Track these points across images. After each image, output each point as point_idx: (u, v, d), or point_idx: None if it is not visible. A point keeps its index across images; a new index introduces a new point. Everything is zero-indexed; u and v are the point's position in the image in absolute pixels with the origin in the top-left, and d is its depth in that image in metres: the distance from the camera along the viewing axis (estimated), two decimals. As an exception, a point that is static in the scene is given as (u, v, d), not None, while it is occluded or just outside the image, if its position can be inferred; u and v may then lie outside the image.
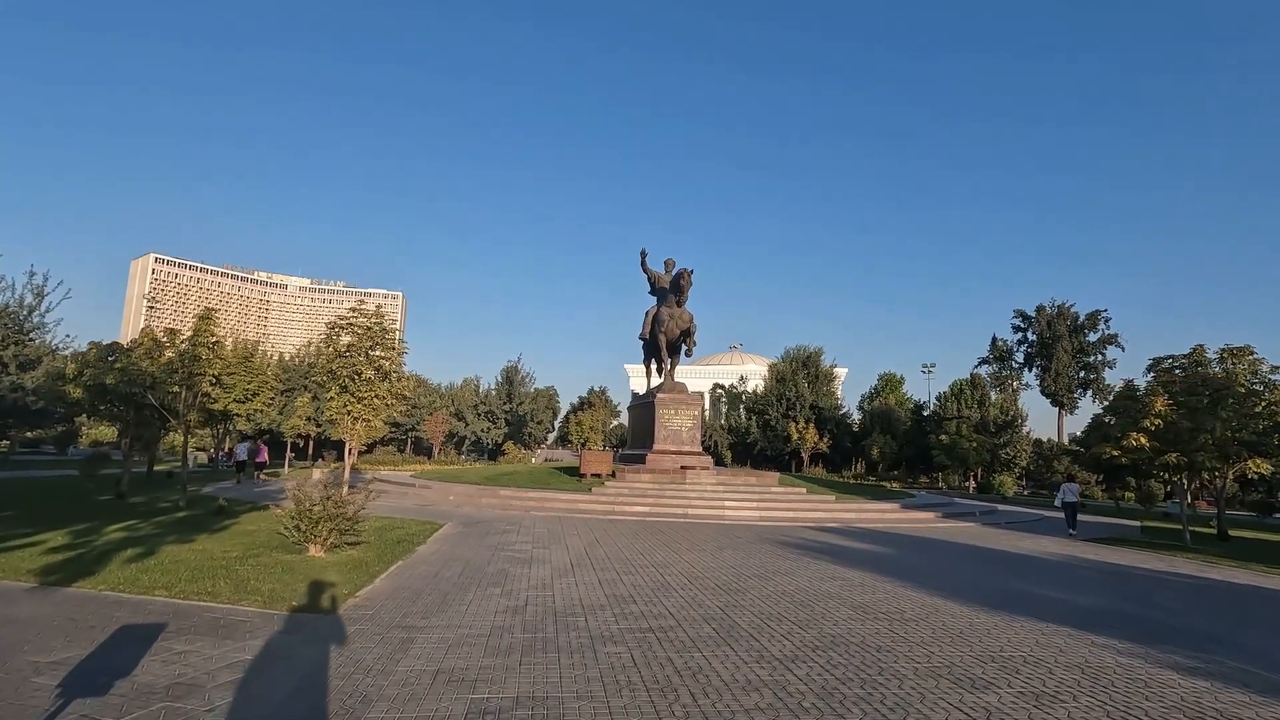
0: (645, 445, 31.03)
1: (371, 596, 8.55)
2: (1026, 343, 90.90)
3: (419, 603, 8.30)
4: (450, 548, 13.06)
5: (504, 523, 17.63)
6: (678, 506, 21.79)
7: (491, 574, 10.41)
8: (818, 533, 18.11)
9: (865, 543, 16.40)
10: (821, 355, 73.16)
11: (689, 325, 32.12)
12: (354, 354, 15.68)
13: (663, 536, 15.99)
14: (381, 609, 7.93)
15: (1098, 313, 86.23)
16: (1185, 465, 18.07)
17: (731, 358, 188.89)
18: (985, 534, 20.04)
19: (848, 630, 7.67)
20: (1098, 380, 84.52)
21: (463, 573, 10.44)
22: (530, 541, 14.27)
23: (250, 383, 36.00)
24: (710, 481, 25.84)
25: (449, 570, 10.61)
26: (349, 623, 7.24)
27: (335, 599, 8.21)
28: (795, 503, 24.16)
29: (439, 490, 24.87)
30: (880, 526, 20.61)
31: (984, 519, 24.78)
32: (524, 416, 77.36)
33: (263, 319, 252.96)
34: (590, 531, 16.44)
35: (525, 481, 27.08)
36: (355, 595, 8.54)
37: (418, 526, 15.81)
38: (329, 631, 6.85)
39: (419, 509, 20.59)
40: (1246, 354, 20.53)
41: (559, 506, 21.59)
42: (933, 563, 13.81)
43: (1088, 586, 11.77)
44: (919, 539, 17.96)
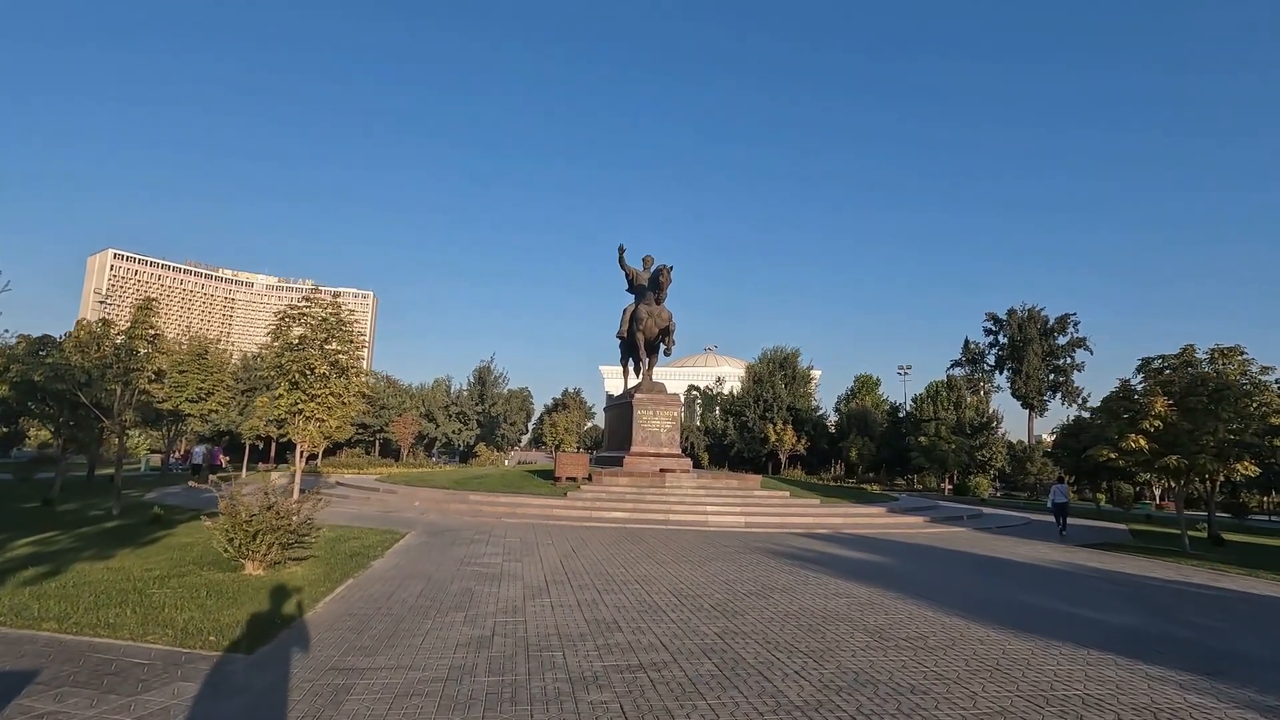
0: (623, 447, 29.84)
1: (309, 627, 7.24)
2: (998, 345, 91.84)
3: (366, 634, 7.01)
4: (411, 561, 11.73)
5: (473, 531, 16.30)
6: (658, 512, 20.65)
7: (455, 594, 9.14)
8: (808, 540, 17.10)
9: (861, 551, 15.42)
10: (798, 356, 72.78)
11: (668, 324, 31.03)
12: (306, 347, 14.24)
13: (644, 545, 14.83)
14: (319, 644, 6.63)
15: (1067, 316, 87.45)
16: (1186, 468, 17.47)
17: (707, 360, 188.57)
18: (980, 540, 19.25)
19: (869, 664, 6.58)
20: (1067, 383, 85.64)
21: (422, 593, 9.15)
22: (501, 553, 13.00)
23: (204, 381, 34.06)
24: (691, 485, 24.76)
25: (406, 590, 9.30)
26: (274, 665, 5.94)
27: (264, 631, 6.89)
28: (780, 507, 23.19)
29: (404, 495, 23.40)
30: (871, 533, 19.70)
31: (973, 523, 24.08)
32: (497, 418, 75.67)
33: (227, 317, 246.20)
34: (566, 540, 15.21)
35: (497, 485, 25.72)
36: (290, 625, 7.23)
37: (377, 537, 14.42)
38: (245, 680, 5.55)
39: (381, 516, 19.13)
40: (1237, 354, 20.08)
41: (532, 513, 20.30)
42: (938, 574, 12.86)
43: (1110, 601, 10.88)
44: (914, 546, 17.05)
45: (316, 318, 14.46)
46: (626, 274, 33.55)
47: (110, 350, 17.13)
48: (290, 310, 14.33)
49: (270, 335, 14.09)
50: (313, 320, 14.38)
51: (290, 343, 13.97)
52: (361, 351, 15.51)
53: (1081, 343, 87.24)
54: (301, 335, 14.11)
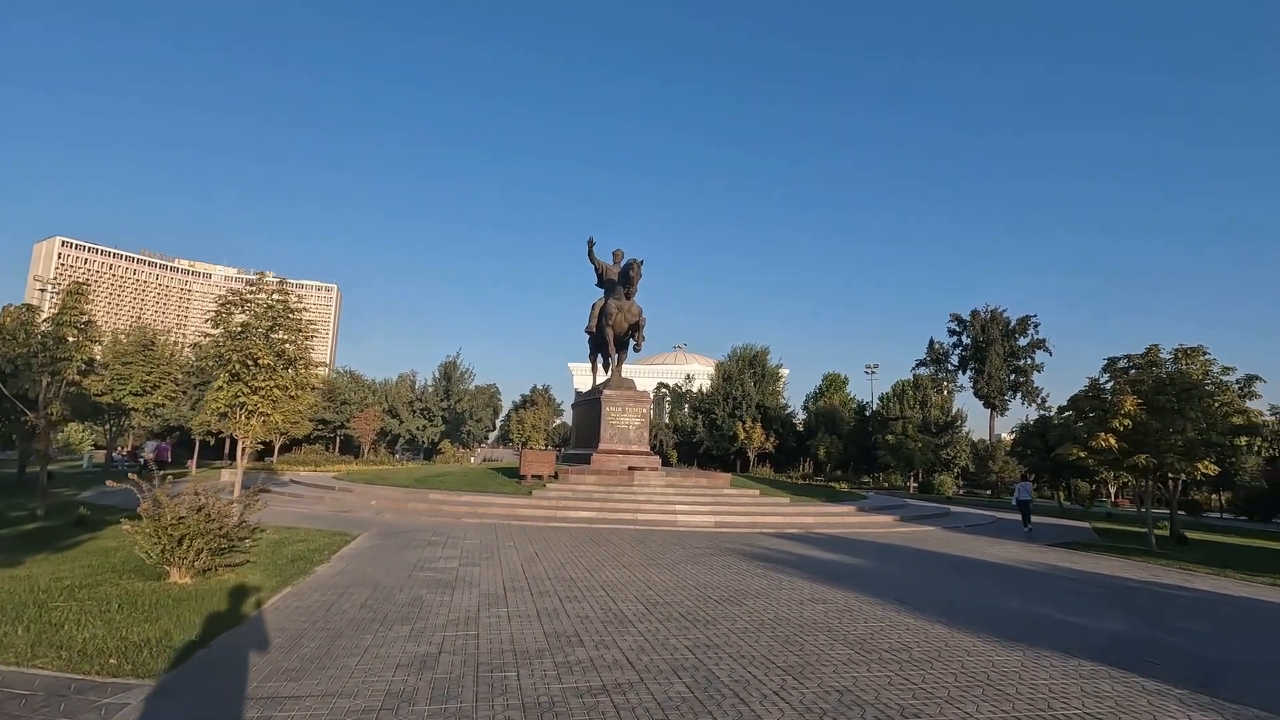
0: (590, 445, 29.14)
1: (230, 645, 6.43)
2: (961, 346, 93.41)
3: (295, 654, 6.23)
4: (359, 566, 10.90)
5: (430, 532, 15.46)
6: (626, 511, 20.02)
7: (402, 604, 8.37)
8: (780, 540, 16.64)
9: (834, 552, 15.00)
10: (768, 355, 72.84)
11: (638, 319, 30.39)
12: (250, 336, 13.24)
13: (611, 547, 14.18)
14: (238, 666, 5.84)
15: (1028, 318, 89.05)
16: (1154, 467, 17.47)
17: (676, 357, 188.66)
18: (951, 540, 19.03)
19: (853, 681, 6.04)
20: (1027, 383, 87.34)
21: (366, 603, 8.36)
22: (458, 557, 12.22)
23: (150, 374, 32.40)
24: (660, 483, 24.19)
25: (349, 600, 8.50)
26: (179, 694, 5.15)
27: (176, 651, 6.07)
28: (750, 506, 22.75)
29: (361, 494, 22.37)
30: (843, 532, 19.35)
31: (942, 522, 23.98)
32: (463, 414, 74.19)
33: (183, 310, 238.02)
34: (529, 542, 14.48)
35: (459, 484, 24.81)
36: (209, 644, 6.41)
37: (325, 539, 13.50)
38: (140, 714, 4.76)
39: (334, 516, 18.15)
40: (1200, 354, 20.25)
41: (495, 512, 19.49)
42: (914, 577, 12.47)
43: (1090, 604, 10.57)
44: (886, 546, 16.72)
45: (261, 304, 13.45)
46: (596, 268, 32.81)
47: (37, 339, 15.85)
48: (232, 295, 13.29)
49: (210, 322, 13.04)
50: (257, 307, 13.37)
51: (232, 331, 12.94)
52: (311, 342, 14.52)
53: (1041, 344, 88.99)
54: (244, 323, 13.08)
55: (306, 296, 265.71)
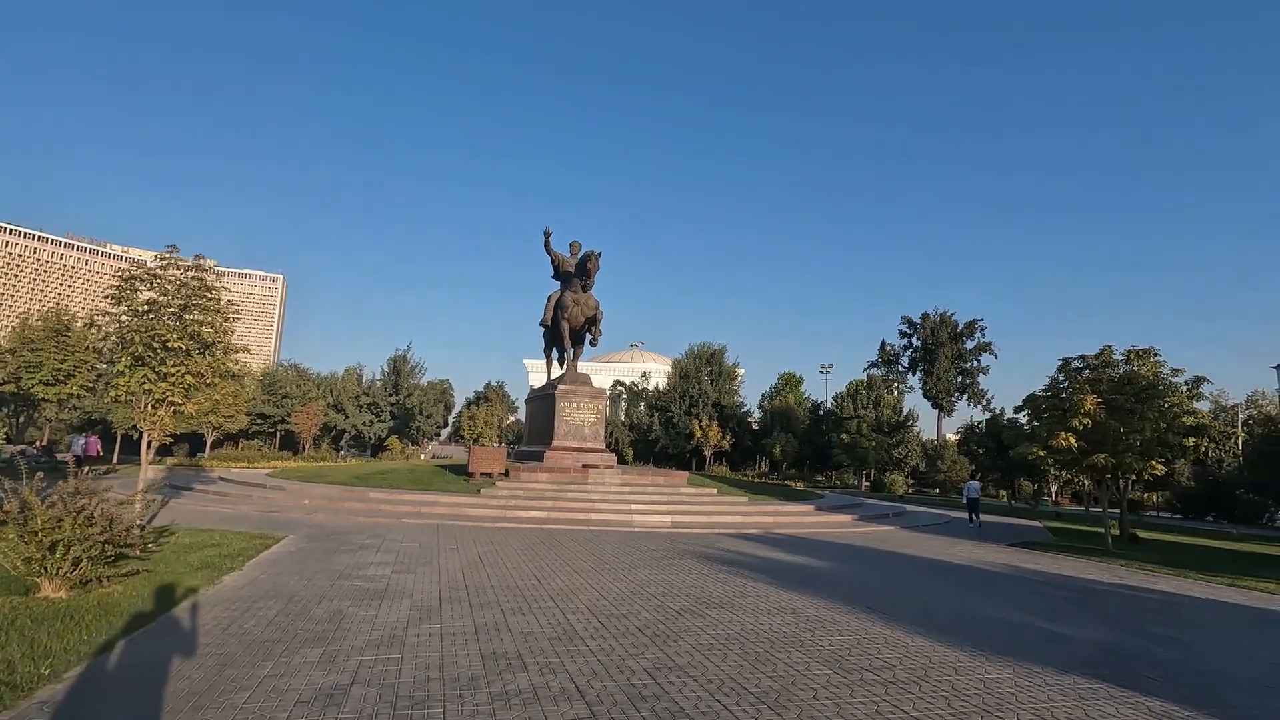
0: (544, 442, 28.05)
1: (91, 678, 5.25)
2: (912, 348, 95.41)
3: (170, 689, 5.10)
4: (276, 575, 9.67)
5: (365, 534, 14.21)
6: (579, 511, 19.05)
7: (318, 621, 7.26)
8: (740, 541, 15.94)
9: (797, 554, 14.35)
10: (725, 353, 72.55)
11: (595, 312, 29.45)
12: (157, 316, 11.78)
13: (563, 550, 13.21)
14: (93, 707, 4.71)
15: (975, 322, 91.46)
16: (1113, 466, 17.43)
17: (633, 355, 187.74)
18: (911, 540, 18.67)
19: (837, 709, 5.25)
20: (973, 385, 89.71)
21: (275, 620, 7.22)
22: (392, 562, 11.07)
23: (63, 362, 29.91)
24: (615, 482, 23.29)
25: (255, 617, 7.34)
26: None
27: (17, 688, 4.88)
28: (708, 505, 22.05)
29: (294, 492, 20.79)
30: (803, 532, 18.79)
31: (900, 522, 23.74)
32: (412, 410, 71.78)
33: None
34: (474, 544, 13.39)
35: (403, 481, 23.41)
36: (63, 676, 5.23)
37: (243, 543, 12.16)
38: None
39: (260, 517, 16.67)
40: (1150, 355, 20.43)
41: (439, 512, 18.27)
42: (883, 580, 11.88)
43: (1065, 609, 10.09)
44: (849, 547, 16.19)
45: (172, 281, 11.99)
46: (552, 259, 31.72)
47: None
48: (136, 269, 11.76)
49: (111, 299, 11.53)
50: (167, 284, 11.90)
51: (137, 309, 11.46)
52: (232, 325, 13.08)
53: (987, 347, 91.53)
54: (151, 301, 11.61)
55: (251, 286, 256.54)
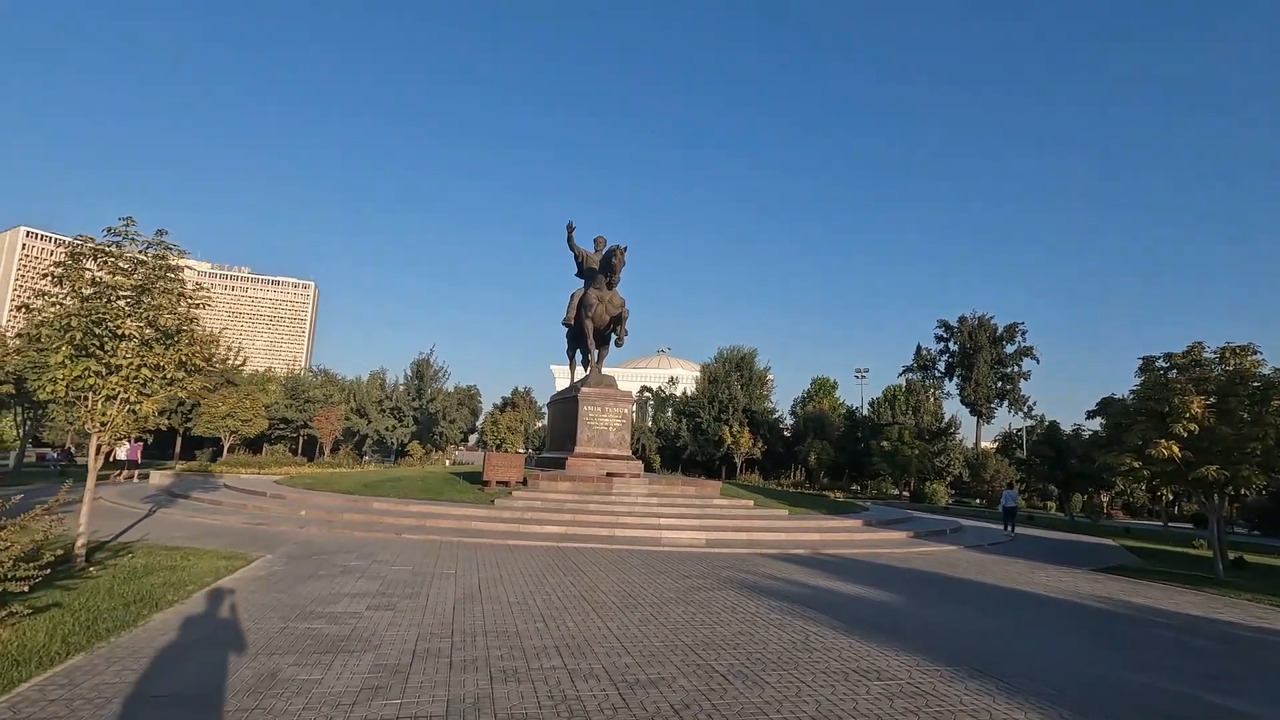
0: (566, 448, 26.15)
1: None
2: (948, 353, 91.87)
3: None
4: (225, 611, 7.80)
5: (354, 554, 12.36)
6: (602, 526, 17.04)
7: (241, 688, 5.33)
8: (787, 565, 13.73)
9: (857, 583, 12.10)
10: (755, 357, 70.07)
11: (620, 310, 27.44)
12: (109, 299, 10.08)
13: (580, 577, 11.18)
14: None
15: (1015, 325, 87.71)
16: (1224, 480, 14.84)
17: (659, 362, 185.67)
18: (982, 564, 16.25)
19: None
20: (1014, 391, 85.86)
21: (182, 688, 5.31)
22: (373, 593, 9.15)
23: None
24: (642, 492, 21.25)
25: (162, 679, 5.43)
26: None
27: None
28: (745, 520, 19.85)
29: (294, 502, 19.16)
30: (856, 554, 16.50)
31: (958, 540, 21.23)
32: (435, 415, 70.54)
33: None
34: (477, 568, 11.45)
35: (413, 490, 21.69)
36: None
37: (209, 564, 10.38)
38: None
39: (245, 531, 14.96)
40: (1249, 353, 17.73)
41: (445, 526, 16.42)
42: (973, 624, 9.58)
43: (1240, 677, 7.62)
44: (915, 574, 13.86)
45: (128, 259, 10.32)
46: (575, 255, 29.84)
47: None
48: (83, 245, 10.04)
49: (50, 278, 9.83)
50: (121, 262, 10.23)
51: (80, 290, 9.78)
52: (199, 310, 11.36)
53: (1028, 351, 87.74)
54: (97, 279, 9.91)
55: (283, 293, 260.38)
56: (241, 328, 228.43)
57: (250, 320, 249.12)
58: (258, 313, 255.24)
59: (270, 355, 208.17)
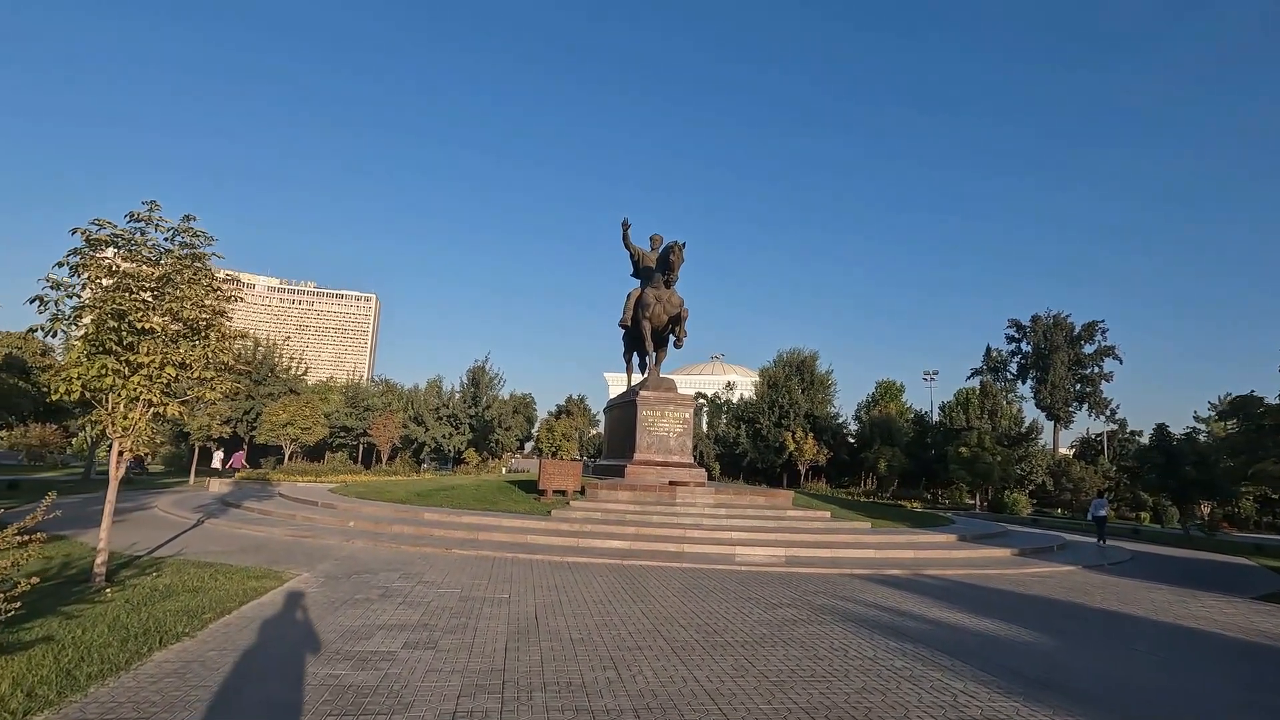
0: (624, 455, 24.74)
1: None
2: (1021, 354, 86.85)
3: None
4: (235, 650, 6.56)
5: (398, 572, 11.14)
6: (669, 542, 15.46)
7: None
8: (887, 590, 11.84)
9: (982, 615, 10.14)
10: (816, 360, 67.23)
11: (679, 310, 25.89)
12: (131, 291, 9.14)
13: (651, 604, 9.62)
14: None
15: (1094, 324, 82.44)
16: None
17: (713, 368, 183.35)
18: (1114, 589, 13.90)
19: None
20: (1094, 394, 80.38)
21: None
22: (413, 624, 7.82)
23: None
24: (708, 502, 19.60)
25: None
26: None
27: None
28: (824, 534, 17.93)
29: (343, 512, 18.27)
30: (959, 575, 14.41)
31: (1073, 558, 18.70)
32: (491, 422, 70.36)
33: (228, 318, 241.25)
34: (533, 592, 10.03)
35: (467, 499, 20.59)
36: None
37: (238, 585, 9.29)
38: None
39: (289, 544, 14.00)
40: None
41: (499, 540, 15.14)
42: (1147, 678, 7.54)
43: None
44: (1047, 605, 11.73)
45: (153, 247, 9.38)
46: (631, 254, 28.53)
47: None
48: (100, 227, 9.07)
49: (66, 266, 8.88)
50: (145, 250, 9.30)
51: (97, 279, 8.87)
52: (229, 303, 10.38)
53: (1110, 351, 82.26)
54: (112, 268, 8.98)
55: (347, 306, 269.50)
56: (307, 340, 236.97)
57: (316, 333, 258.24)
58: (322, 325, 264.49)
59: (335, 366, 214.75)
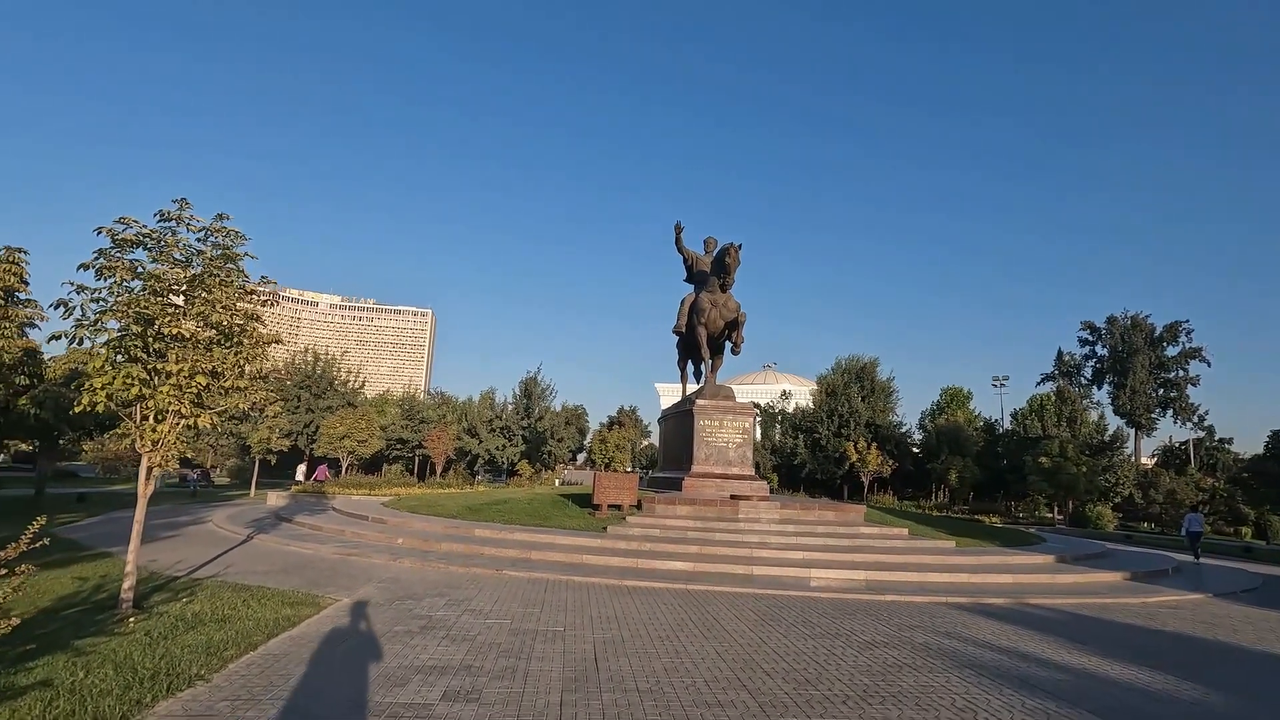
0: (681, 467, 23.53)
1: None
2: (1095, 357, 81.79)
3: None
4: (249, 700, 5.68)
5: (445, 598, 10.22)
6: (735, 563, 14.17)
7: None
8: (993, 624, 10.28)
9: (1118, 660, 8.52)
10: (877, 366, 64.47)
11: (736, 315, 24.59)
12: (159, 295, 8.52)
13: (726, 643, 8.38)
14: None
15: (1178, 324, 76.80)
16: None
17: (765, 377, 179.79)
18: (1272, 624, 11.92)
19: None
20: (1180, 399, 74.72)
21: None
22: (458, 665, 6.81)
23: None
24: (773, 518, 18.22)
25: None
26: None
27: None
28: (904, 554, 16.29)
29: (392, 528, 17.64)
30: (1074, 605, 12.62)
31: (1192, 583, 16.52)
32: (543, 433, 70.07)
33: (294, 336, 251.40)
34: (591, 624, 8.94)
35: (519, 514, 19.76)
36: None
37: (268, 612, 8.50)
38: None
39: (334, 563, 13.32)
40: None
41: (553, 560, 14.13)
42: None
43: None
44: (1193, 644, 9.96)
45: (182, 246, 8.78)
46: (685, 259, 27.44)
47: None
48: (127, 225, 8.45)
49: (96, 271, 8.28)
50: (176, 250, 8.69)
51: (123, 280, 8.26)
52: (265, 307, 9.72)
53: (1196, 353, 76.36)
54: (143, 271, 8.36)
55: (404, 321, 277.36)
56: (366, 355, 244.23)
57: (375, 348, 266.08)
58: (381, 341, 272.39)
59: (392, 380, 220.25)
